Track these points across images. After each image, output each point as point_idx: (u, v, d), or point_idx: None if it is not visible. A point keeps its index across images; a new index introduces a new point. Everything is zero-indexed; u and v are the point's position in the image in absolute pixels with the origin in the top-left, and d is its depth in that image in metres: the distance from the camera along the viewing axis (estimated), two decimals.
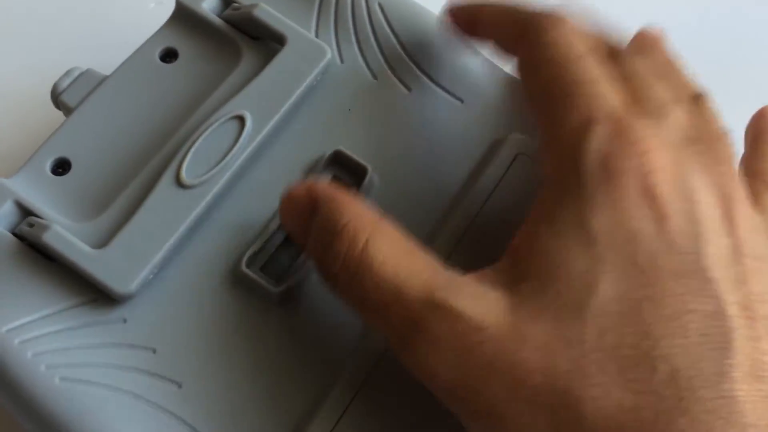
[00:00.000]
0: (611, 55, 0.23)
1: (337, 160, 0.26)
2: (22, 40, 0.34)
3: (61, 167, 0.25)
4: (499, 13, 0.25)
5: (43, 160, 0.25)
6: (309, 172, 0.25)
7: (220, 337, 0.23)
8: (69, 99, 0.26)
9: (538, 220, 0.21)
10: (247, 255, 0.24)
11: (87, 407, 0.22)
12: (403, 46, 0.27)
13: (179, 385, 0.23)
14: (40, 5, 0.35)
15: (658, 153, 0.20)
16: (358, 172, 0.25)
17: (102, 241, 0.23)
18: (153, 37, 0.27)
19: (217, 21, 0.27)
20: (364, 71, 0.27)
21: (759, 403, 0.18)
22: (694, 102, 0.22)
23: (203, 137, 0.25)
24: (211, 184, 0.24)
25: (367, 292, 0.20)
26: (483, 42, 0.26)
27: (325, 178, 0.25)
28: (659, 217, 0.19)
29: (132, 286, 0.23)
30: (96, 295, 0.23)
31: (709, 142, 0.21)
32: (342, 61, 0.27)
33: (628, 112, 0.21)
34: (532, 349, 0.19)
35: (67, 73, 0.27)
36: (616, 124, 0.20)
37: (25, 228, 0.23)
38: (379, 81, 0.27)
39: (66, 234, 0.23)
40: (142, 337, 0.23)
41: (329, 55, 0.26)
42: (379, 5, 0.28)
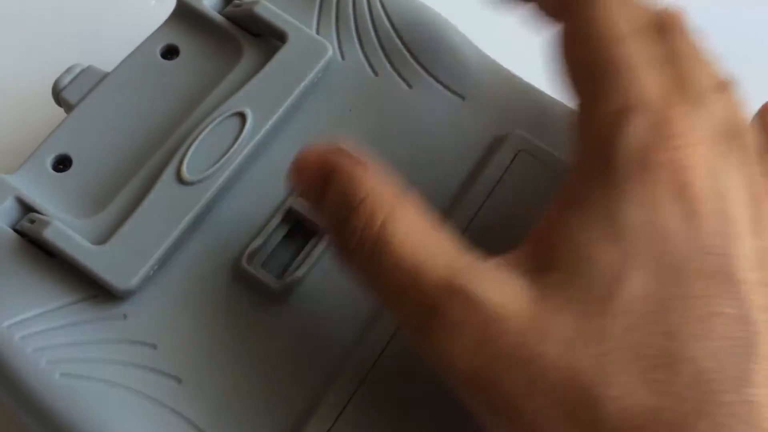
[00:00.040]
0: (654, 32, 0.22)
1: None
2: (24, 37, 0.34)
3: (62, 164, 0.25)
4: None
5: (44, 157, 0.25)
6: None
7: (221, 333, 0.23)
8: (70, 96, 0.26)
9: (565, 206, 0.20)
10: (247, 251, 0.24)
11: (87, 403, 0.22)
12: (405, 43, 0.27)
13: (179, 380, 0.23)
14: (41, 2, 0.35)
15: (695, 149, 0.19)
16: None
17: (103, 238, 0.23)
18: (154, 34, 0.27)
19: (218, 18, 0.27)
20: (365, 68, 0.27)
21: None
22: (725, 90, 0.22)
23: (204, 134, 0.25)
24: (212, 180, 0.24)
25: (383, 274, 0.19)
26: (522, 3, 0.24)
27: None
28: (691, 214, 0.19)
29: (133, 282, 0.23)
30: (97, 291, 0.23)
31: (741, 137, 0.21)
32: (343, 57, 0.27)
33: (667, 102, 0.20)
34: (554, 342, 0.18)
35: (68, 69, 0.27)
36: (654, 115, 0.20)
37: (26, 224, 0.24)
38: (380, 78, 0.27)
39: (67, 230, 0.23)
40: (142, 332, 0.23)
41: (330, 52, 0.26)
42: (381, 2, 0.28)
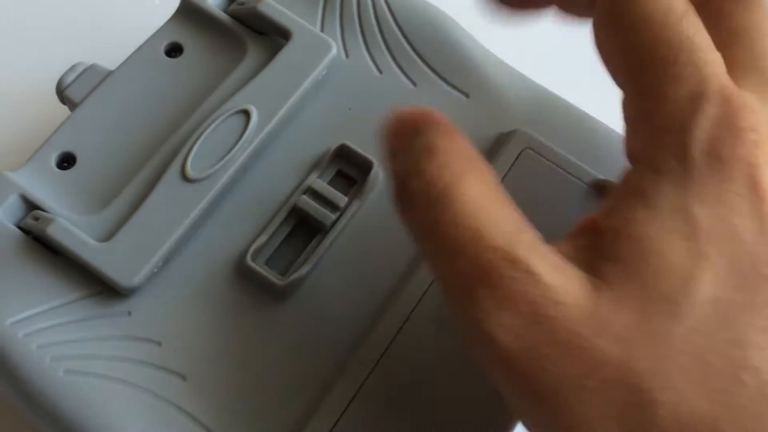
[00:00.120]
0: (720, 4, 0.20)
1: (342, 154, 0.25)
2: (28, 35, 0.34)
3: (66, 161, 0.25)
4: None
5: (49, 155, 0.25)
6: (314, 167, 0.25)
7: (225, 330, 0.23)
8: (74, 94, 0.26)
9: (628, 199, 0.19)
10: (252, 248, 0.24)
11: (91, 399, 0.22)
12: (409, 41, 0.27)
13: (184, 377, 0.22)
14: (45, 1, 0.35)
15: (766, 144, 0.18)
16: (364, 167, 0.25)
17: (107, 235, 0.23)
18: (158, 31, 0.27)
19: (222, 16, 0.27)
20: (370, 66, 0.27)
21: None
22: None
23: (208, 131, 0.25)
24: (216, 177, 0.24)
25: (441, 225, 0.18)
26: (542, 11, 0.22)
27: (330, 172, 0.25)
28: (762, 216, 0.18)
29: (137, 279, 0.23)
30: (101, 287, 0.23)
31: None
32: (347, 55, 0.27)
33: (738, 89, 0.19)
34: (610, 338, 0.17)
35: (72, 67, 0.27)
36: (727, 105, 0.18)
37: (30, 221, 0.23)
38: (384, 75, 0.27)
39: (71, 227, 0.23)
40: (146, 329, 0.23)
41: (334, 50, 0.26)
42: (385, 0, 0.28)
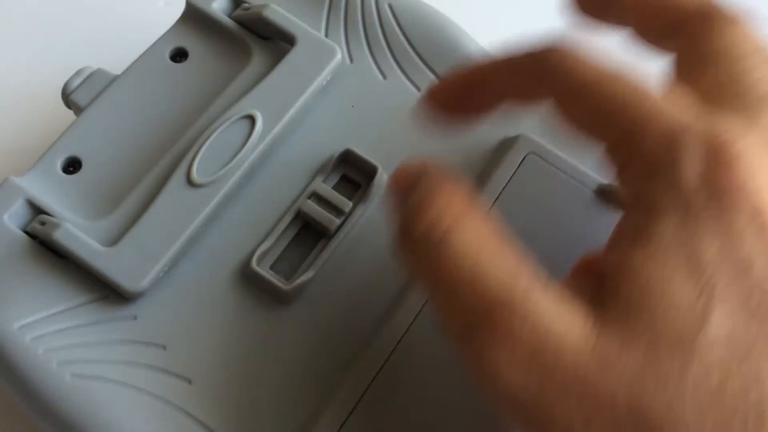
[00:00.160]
0: (688, 31, 0.20)
1: (347, 159, 0.26)
2: (33, 40, 0.34)
3: (72, 166, 0.25)
4: None
5: (54, 159, 0.25)
6: (319, 171, 0.25)
7: (230, 334, 0.23)
8: (79, 98, 0.27)
9: (629, 239, 0.18)
10: (257, 253, 0.24)
11: (98, 403, 0.22)
12: (413, 46, 0.27)
13: (189, 381, 0.23)
14: (51, 5, 0.35)
15: (764, 168, 0.18)
16: (368, 171, 0.25)
17: (113, 239, 0.24)
18: (163, 36, 0.27)
19: (227, 21, 0.27)
20: (374, 71, 0.27)
21: None
22: None
23: (214, 136, 0.25)
24: (221, 182, 0.24)
25: (442, 270, 0.18)
26: (615, 27, 0.22)
27: (335, 177, 0.25)
28: None
29: (143, 284, 0.23)
30: (107, 292, 0.23)
31: None
32: (352, 60, 0.27)
33: (717, 116, 0.18)
34: (618, 379, 0.17)
35: (78, 72, 0.27)
36: (708, 131, 0.18)
37: (36, 226, 0.24)
38: (388, 81, 0.27)
39: (77, 232, 0.23)
40: (152, 334, 0.23)
41: (339, 55, 0.26)
42: (389, 5, 0.28)
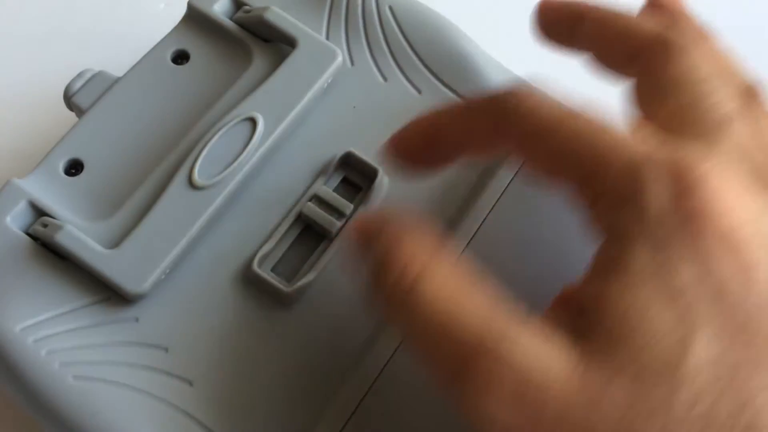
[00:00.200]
0: (644, 59, 0.21)
1: (348, 162, 0.26)
2: (35, 42, 0.34)
3: (74, 168, 0.25)
4: (605, 24, 0.22)
5: (56, 161, 0.25)
6: (320, 174, 0.25)
7: (232, 336, 0.23)
8: (81, 100, 0.27)
9: (605, 271, 0.18)
10: (258, 255, 0.24)
11: (100, 405, 0.22)
12: (414, 49, 0.27)
13: (191, 383, 0.23)
14: (52, 7, 0.35)
15: (729, 187, 0.18)
16: (369, 174, 0.25)
17: (115, 241, 0.24)
18: (165, 39, 0.27)
19: (229, 23, 0.27)
20: (375, 74, 0.27)
21: None
22: (747, 100, 0.20)
23: (215, 138, 0.25)
24: (223, 185, 0.24)
25: (417, 323, 0.18)
26: (578, 53, 0.23)
27: (336, 179, 0.26)
28: (745, 267, 0.17)
29: (144, 286, 0.23)
30: (109, 294, 0.23)
31: (766, 167, 0.19)
32: (353, 63, 0.27)
33: (678, 142, 0.19)
34: (606, 413, 0.17)
35: (80, 74, 0.27)
36: (668, 159, 0.18)
37: (38, 228, 0.24)
38: (389, 83, 0.27)
39: (79, 234, 0.23)
40: (154, 335, 0.23)
41: (340, 58, 0.26)
42: (390, 8, 0.28)
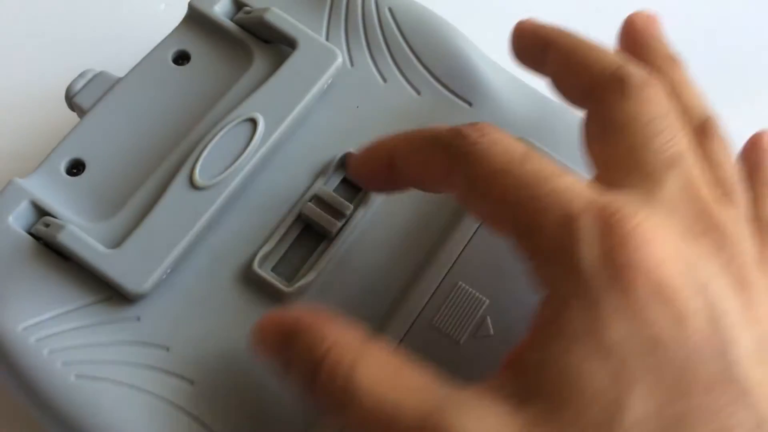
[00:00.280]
0: (596, 98, 0.21)
1: (347, 163, 0.26)
2: (36, 43, 0.35)
3: (75, 168, 0.25)
4: (567, 55, 0.22)
5: (58, 161, 0.25)
6: (320, 175, 0.26)
7: (232, 335, 0.23)
8: (83, 101, 0.27)
9: (543, 331, 0.18)
10: (259, 255, 0.24)
11: (101, 404, 0.22)
12: (413, 50, 0.28)
13: (191, 382, 0.23)
14: (53, 8, 0.35)
15: (661, 240, 0.18)
16: None
17: (116, 241, 0.24)
18: (166, 39, 0.27)
19: (229, 24, 0.27)
20: (374, 75, 0.27)
21: None
22: (701, 135, 0.20)
23: (216, 139, 0.25)
24: (223, 185, 0.24)
25: (359, 420, 0.18)
26: (543, 76, 0.23)
27: (335, 180, 0.26)
28: (677, 318, 0.17)
29: (146, 286, 0.23)
30: (110, 293, 0.23)
31: (710, 214, 0.19)
32: (352, 64, 0.28)
33: (611, 195, 0.19)
34: None
35: (81, 74, 0.27)
36: (600, 213, 0.18)
37: (40, 228, 0.24)
38: (388, 84, 0.27)
39: (81, 234, 0.23)
40: (155, 335, 0.23)
41: (340, 59, 0.26)
42: (389, 9, 0.28)
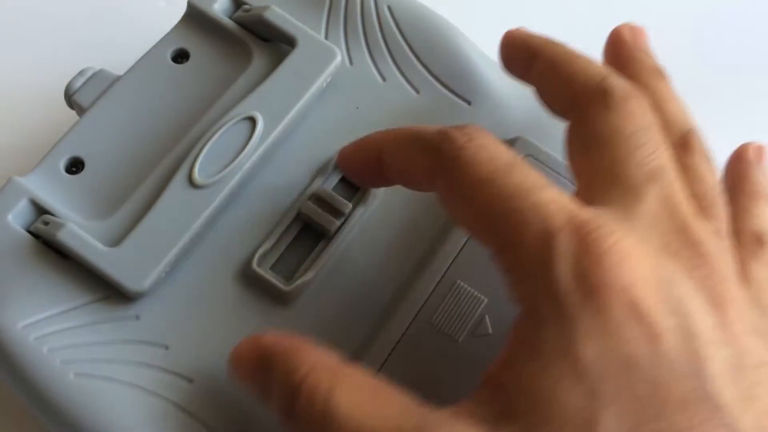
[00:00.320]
0: (578, 111, 0.21)
1: None
2: (36, 41, 0.35)
3: (74, 166, 0.25)
4: (552, 66, 0.22)
5: (57, 159, 0.25)
6: (318, 173, 0.26)
7: (231, 334, 0.23)
8: (82, 99, 0.27)
9: (518, 350, 0.18)
10: (257, 254, 0.24)
11: (100, 402, 0.22)
12: (412, 48, 0.28)
13: (190, 380, 0.23)
14: (53, 6, 0.35)
15: (636, 258, 0.18)
16: None
17: (115, 240, 0.24)
18: (165, 38, 0.27)
19: (228, 22, 0.27)
20: (373, 73, 0.27)
21: None
22: (682, 148, 0.20)
23: (215, 137, 0.25)
24: (222, 183, 0.24)
25: None
26: (529, 85, 0.24)
27: (334, 179, 0.26)
28: (651, 337, 0.17)
29: (145, 284, 0.23)
30: (109, 292, 0.23)
31: (687, 230, 0.19)
32: (351, 63, 0.28)
33: (590, 211, 0.19)
34: None
35: (81, 73, 0.27)
36: (579, 233, 0.18)
37: (40, 226, 0.24)
38: (387, 83, 0.27)
39: (80, 232, 0.23)
40: (154, 333, 0.23)
41: (339, 57, 0.26)
42: (388, 8, 0.28)
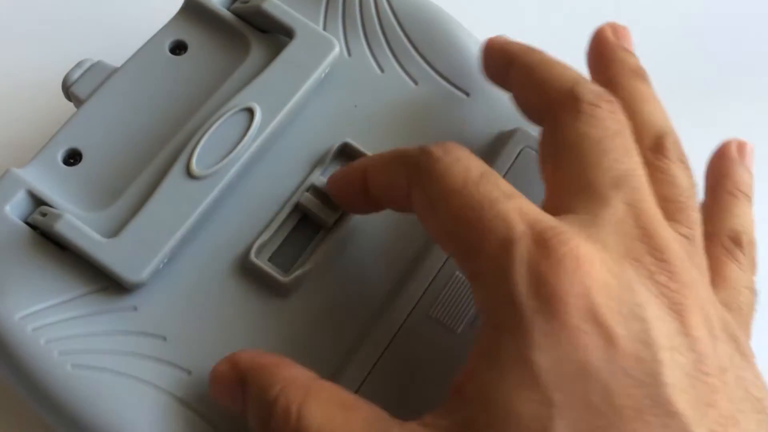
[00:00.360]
0: (551, 116, 0.21)
1: (344, 153, 0.26)
2: (34, 32, 0.34)
3: (72, 158, 0.25)
4: (527, 72, 0.22)
5: (55, 151, 0.25)
6: (317, 164, 0.26)
7: (229, 325, 0.23)
8: (80, 90, 0.27)
9: (479, 360, 0.18)
10: (256, 245, 0.24)
11: (98, 393, 0.22)
12: (410, 40, 0.27)
13: (188, 371, 0.23)
14: None
15: (595, 264, 0.18)
16: None
17: (113, 231, 0.24)
18: (163, 29, 0.27)
19: (226, 14, 0.27)
20: (372, 64, 0.27)
21: None
22: (656, 150, 0.21)
23: (213, 129, 0.25)
24: (220, 175, 0.24)
25: None
26: (507, 91, 0.24)
27: (333, 170, 0.26)
28: (608, 343, 0.17)
29: (143, 275, 0.23)
30: (107, 283, 0.23)
31: (652, 236, 0.19)
32: (350, 54, 0.27)
33: (551, 219, 0.19)
34: None
35: (78, 64, 0.27)
36: (537, 238, 0.18)
37: (37, 217, 0.24)
38: (386, 74, 0.27)
39: (78, 223, 0.23)
40: (152, 324, 0.23)
41: (337, 49, 0.26)
42: None
